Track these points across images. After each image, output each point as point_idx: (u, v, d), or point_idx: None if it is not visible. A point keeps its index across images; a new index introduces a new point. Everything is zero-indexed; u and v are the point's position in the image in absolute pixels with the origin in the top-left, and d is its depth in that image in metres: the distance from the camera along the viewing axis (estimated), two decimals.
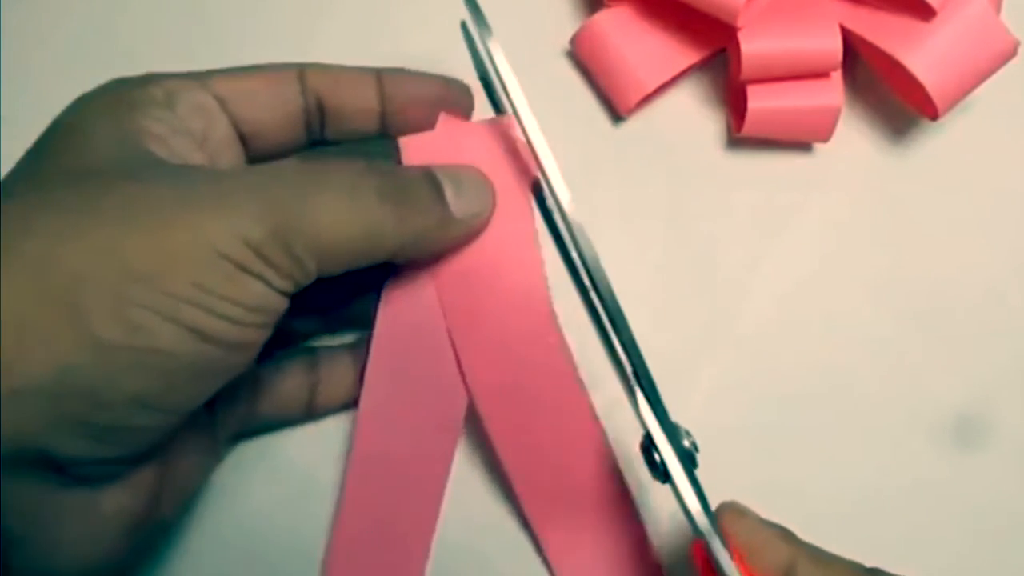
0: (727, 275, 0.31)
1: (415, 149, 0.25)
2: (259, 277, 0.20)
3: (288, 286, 0.21)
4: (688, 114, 0.32)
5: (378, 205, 0.22)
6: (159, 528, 0.23)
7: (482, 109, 0.27)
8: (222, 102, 0.25)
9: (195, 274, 0.19)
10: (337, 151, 0.27)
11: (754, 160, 0.31)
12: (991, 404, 0.30)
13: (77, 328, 0.19)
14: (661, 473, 0.22)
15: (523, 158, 0.26)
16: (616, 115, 0.31)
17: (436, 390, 0.26)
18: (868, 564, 0.24)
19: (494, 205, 0.25)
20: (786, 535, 0.23)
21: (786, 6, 0.29)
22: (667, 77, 0.30)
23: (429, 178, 0.24)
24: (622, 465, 0.28)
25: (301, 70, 0.26)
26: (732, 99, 0.31)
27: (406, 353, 0.26)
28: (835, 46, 0.28)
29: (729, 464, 0.29)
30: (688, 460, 0.22)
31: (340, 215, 0.21)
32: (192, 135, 0.24)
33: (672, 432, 0.22)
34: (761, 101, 0.29)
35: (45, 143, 0.22)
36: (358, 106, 0.26)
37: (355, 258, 0.22)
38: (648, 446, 0.23)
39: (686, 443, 0.23)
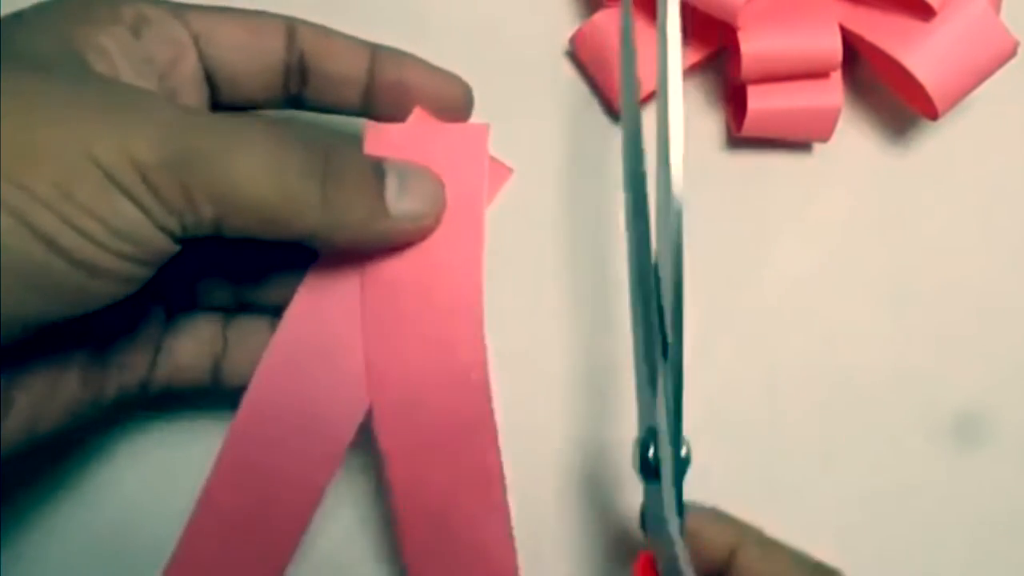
0: (726, 275, 0.31)
1: (379, 138, 0.24)
2: (136, 202, 0.19)
3: (174, 225, 0.19)
4: (688, 114, 0.32)
5: (297, 177, 0.21)
6: (9, 459, 0.21)
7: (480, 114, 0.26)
8: (196, 38, 0.23)
9: (60, 175, 0.18)
10: (305, 121, 0.26)
11: (754, 160, 0.31)
12: (991, 404, 0.30)
13: None
14: (652, 471, 0.23)
15: (489, 173, 0.24)
16: (616, 115, 0.31)
17: (333, 396, 0.24)
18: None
19: (441, 212, 0.23)
20: (730, 518, 0.23)
21: (786, 6, 0.29)
22: None
23: (373, 166, 0.22)
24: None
25: (292, 24, 0.24)
26: (732, 99, 0.31)
27: (311, 346, 0.24)
28: (835, 46, 0.28)
29: (728, 464, 0.29)
30: (681, 468, 0.23)
31: (253, 173, 0.20)
32: (152, 63, 0.22)
33: (678, 437, 0.23)
34: (761, 101, 0.29)
35: None
36: (343, 75, 0.25)
37: (264, 224, 0.21)
38: (646, 441, 0.23)
39: (684, 451, 0.23)
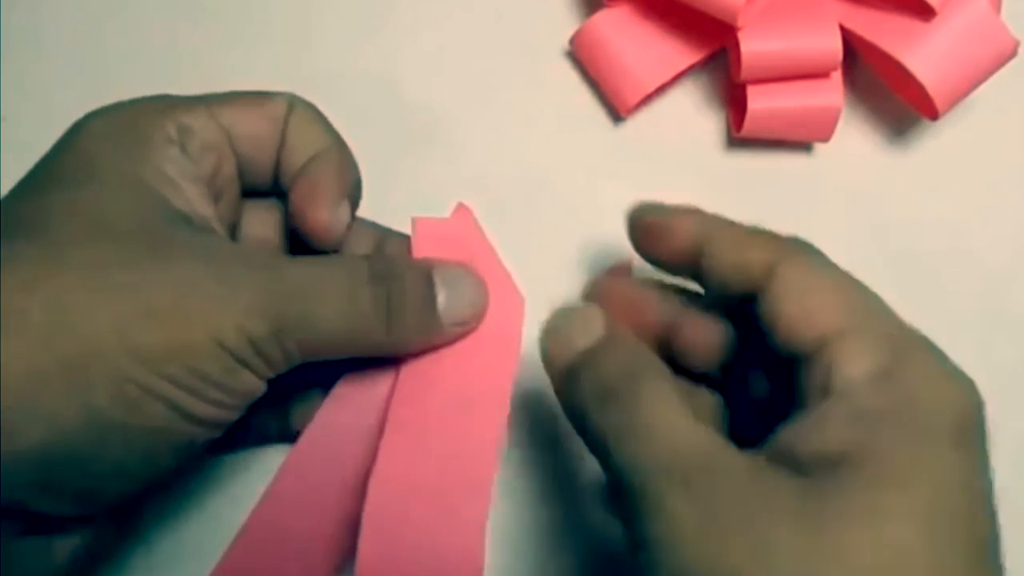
0: None
1: (429, 233, 0.25)
2: (252, 369, 0.21)
3: (272, 374, 0.22)
4: (688, 114, 0.32)
5: (371, 314, 0.22)
6: (102, 561, 0.24)
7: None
8: (229, 138, 0.24)
9: (195, 362, 0.20)
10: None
11: (754, 160, 0.31)
12: (991, 404, 0.30)
13: (80, 401, 0.19)
14: None
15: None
16: (616, 115, 0.31)
17: (354, 489, 0.24)
18: None
19: (484, 312, 0.24)
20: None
21: (786, 6, 0.29)
22: (667, 77, 0.30)
23: (425, 281, 0.23)
24: None
25: (291, 102, 0.25)
26: (732, 99, 0.31)
27: (340, 438, 0.25)
28: (835, 46, 0.28)
29: None
30: None
31: (334, 319, 0.22)
32: (202, 178, 0.23)
33: None
34: (761, 101, 0.29)
35: (52, 172, 0.22)
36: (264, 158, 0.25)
37: (337, 354, 0.23)
38: None
39: None
